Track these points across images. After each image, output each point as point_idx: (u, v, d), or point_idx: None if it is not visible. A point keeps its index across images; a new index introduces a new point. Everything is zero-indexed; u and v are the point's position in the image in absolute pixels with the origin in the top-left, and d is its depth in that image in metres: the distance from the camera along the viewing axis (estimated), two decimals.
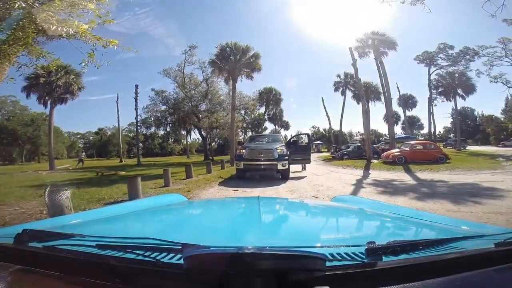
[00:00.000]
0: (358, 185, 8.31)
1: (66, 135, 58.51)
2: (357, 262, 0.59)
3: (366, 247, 0.60)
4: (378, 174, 11.41)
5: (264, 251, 0.53)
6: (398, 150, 15.97)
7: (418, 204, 5.31)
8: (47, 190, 3.58)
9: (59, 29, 3.21)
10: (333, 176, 10.90)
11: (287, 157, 9.31)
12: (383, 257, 0.58)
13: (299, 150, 10.89)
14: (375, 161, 16.45)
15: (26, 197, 6.64)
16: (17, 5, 2.77)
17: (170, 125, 31.85)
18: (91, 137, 67.72)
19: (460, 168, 11.87)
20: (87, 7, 3.24)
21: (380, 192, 6.99)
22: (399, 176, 10.37)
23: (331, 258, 0.58)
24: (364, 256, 0.60)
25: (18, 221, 4.20)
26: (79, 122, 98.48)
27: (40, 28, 3.34)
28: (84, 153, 31.81)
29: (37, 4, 3.28)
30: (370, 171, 12.58)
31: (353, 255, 0.63)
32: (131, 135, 59.52)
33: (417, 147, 15.41)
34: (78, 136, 68.00)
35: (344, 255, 0.63)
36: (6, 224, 4.07)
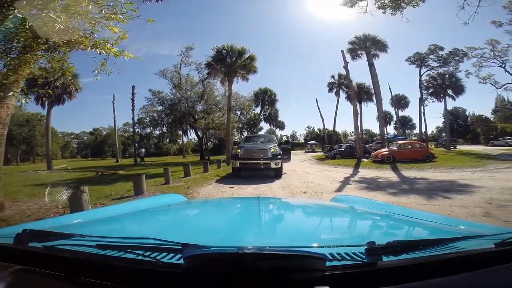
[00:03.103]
0: (345, 182, 8.86)
1: (60, 135, 58.28)
2: (357, 262, 0.59)
3: (366, 247, 0.60)
4: (366, 172, 11.97)
5: (264, 251, 0.54)
6: (386, 149, 16.61)
7: (393, 199, 5.88)
8: (68, 186, 4.09)
9: (93, 50, 3.66)
10: (323, 174, 11.47)
11: (280, 156, 9.84)
12: (383, 257, 0.58)
13: (284, 151, 11.63)
14: (366, 160, 17.07)
15: (36, 195, 7.05)
16: (57, 27, 3.21)
17: (167, 125, 32.08)
18: (85, 137, 67.37)
19: (445, 167, 12.47)
20: (112, 30, 3.67)
21: (363, 188, 7.55)
22: (386, 174, 10.95)
23: (331, 258, 0.58)
24: (364, 256, 0.60)
25: (38, 215, 4.67)
26: (73, 122, 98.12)
27: (69, 44, 3.78)
28: (143, 149, 29.49)
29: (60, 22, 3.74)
30: (359, 170, 13.12)
31: (353, 255, 0.64)
32: (126, 135, 59.48)
33: (405, 146, 16.02)
34: (72, 136, 67.63)
35: (344, 255, 0.63)
36: (30, 216, 4.55)
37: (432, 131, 59.98)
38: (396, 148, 15.94)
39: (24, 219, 4.41)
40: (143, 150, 28.17)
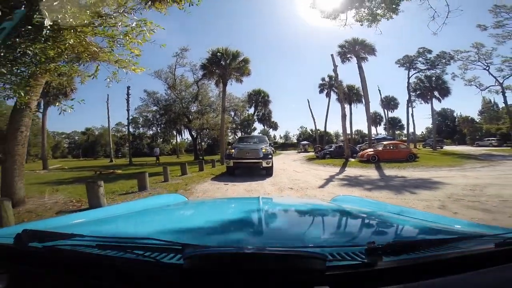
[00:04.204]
0: (329, 179, 9.65)
1: (51, 135, 57.63)
2: (357, 262, 0.60)
3: (366, 247, 0.60)
4: (351, 171, 12.75)
5: (264, 251, 0.55)
6: (372, 149, 17.49)
7: (367, 193, 6.68)
8: (87, 181, 4.74)
9: (117, 67, 4.31)
10: (311, 173, 12.24)
11: (270, 156, 10.59)
12: (383, 257, 0.58)
13: None
14: (353, 160, 17.94)
15: (45, 192, 7.56)
16: (92, 50, 3.82)
17: (162, 125, 32.41)
18: (76, 137, 66.73)
19: (425, 166, 13.30)
20: (134, 52, 4.29)
21: (344, 184, 8.35)
22: (369, 172, 11.75)
23: (331, 258, 0.59)
24: (364, 256, 0.60)
25: (58, 207, 5.31)
26: (63, 121, 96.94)
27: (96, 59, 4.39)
28: (158, 149, 28.81)
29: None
30: (345, 169, 13.91)
31: (353, 255, 0.64)
32: (118, 135, 59.29)
33: (389, 147, 16.96)
34: (63, 136, 66.86)
35: (344, 255, 0.64)
36: (51, 209, 5.17)
37: (422, 132, 61.87)
38: (381, 149, 16.84)
39: (47, 210, 5.05)
40: (157, 149, 27.52)
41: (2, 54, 2.99)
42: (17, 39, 3.00)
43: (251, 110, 45.26)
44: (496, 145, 33.41)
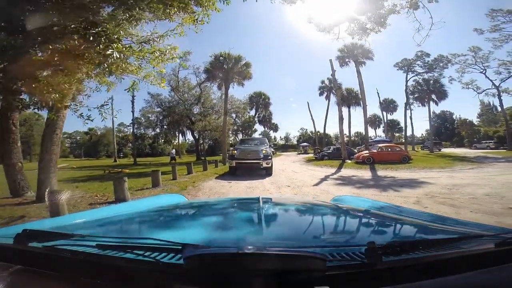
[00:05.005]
0: (324, 179, 10.40)
1: None
2: (357, 262, 0.60)
3: (366, 247, 0.60)
4: (346, 172, 13.45)
5: (264, 251, 0.54)
6: (367, 151, 18.24)
7: (356, 190, 7.43)
8: (114, 177, 5.51)
9: (145, 81, 5.09)
10: (308, 173, 12.99)
11: (270, 157, 11.42)
12: (383, 257, 0.58)
13: None
14: (349, 161, 18.62)
15: (65, 188, 8.30)
16: (131, 68, 4.65)
17: (165, 127, 33.13)
18: (78, 137, 67.30)
19: (417, 167, 13.88)
20: (157, 67, 4.99)
21: (337, 183, 9.10)
22: (362, 173, 12.43)
23: (331, 258, 0.60)
24: (364, 256, 0.60)
25: (87, 201, 6.07)
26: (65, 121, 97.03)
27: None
28: (174, 149, 30.10)
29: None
30: (341, 170, 14.62)
31: (353, 255, 0.64)
32: (120, 135, 59.92)
33: (384, 149, 17.64)
34: (65, 136, 67.30)
35: (344, 255, 0.64)
36: (81, 201, 5.95)
37: (422, 134, 62.31)
38: (376, 151, 17.55)
39: (80, 203, 5.83)
40: (173, 151, 28.86)
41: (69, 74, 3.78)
42: (81, 62, 3.81)
43: (252, 112, 46.14)
44: (493, 148, 33.93)
